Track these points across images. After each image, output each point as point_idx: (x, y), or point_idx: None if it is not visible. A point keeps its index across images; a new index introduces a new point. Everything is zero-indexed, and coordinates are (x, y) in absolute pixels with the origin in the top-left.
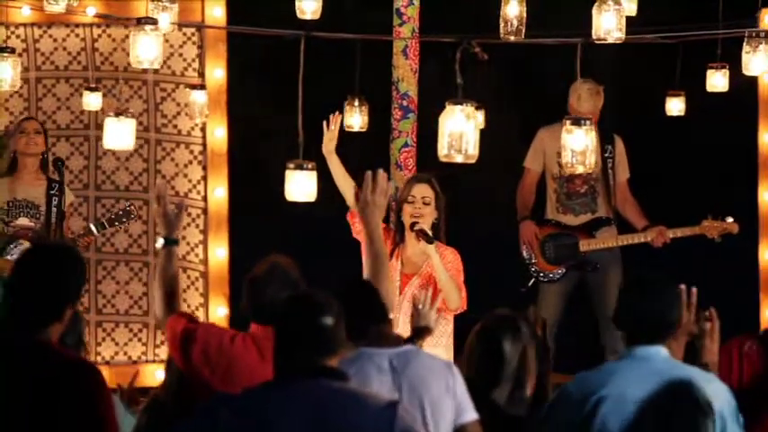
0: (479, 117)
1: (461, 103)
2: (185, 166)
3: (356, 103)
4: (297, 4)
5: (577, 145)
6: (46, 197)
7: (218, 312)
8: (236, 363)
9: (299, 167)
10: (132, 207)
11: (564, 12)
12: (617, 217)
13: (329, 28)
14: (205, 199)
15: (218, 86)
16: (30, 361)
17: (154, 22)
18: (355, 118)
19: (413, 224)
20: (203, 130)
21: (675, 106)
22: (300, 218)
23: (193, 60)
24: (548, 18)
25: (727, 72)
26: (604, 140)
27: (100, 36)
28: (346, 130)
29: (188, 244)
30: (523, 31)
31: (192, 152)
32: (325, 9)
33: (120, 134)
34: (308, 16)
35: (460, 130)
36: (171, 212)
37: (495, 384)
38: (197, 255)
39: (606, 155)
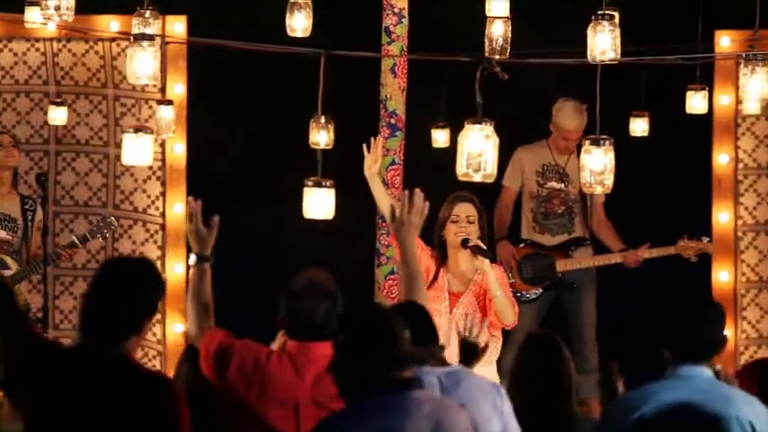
0: (445, 135)
1: (480, 122)
2: (144, 181)
3: (322, 121)
4: (287, 21)
5: (596, 165)
6: (21, 212)
7: (175, 329)
8: (272, 380)
9: (318, 185)
10: (112, 218)
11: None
12: (592, 237)
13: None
14: (163, 215)
15: (179, 102)
16: (108, 374)
17: (151, 38)
18: (321, 135)
19: (464, 241)
20: (162, 145)
21: (639, 126)
22: (257, 231)
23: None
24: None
25: (707, 94)
26: None
27: (60, 51)
28: (312, 147)
29: None
30: (508, 50)
31: (150, 167)
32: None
33: (138, 150)
34: (298, 34)
35: (479, 149)
36: (203, 229)
37: (547, 401)
38: None
39: None
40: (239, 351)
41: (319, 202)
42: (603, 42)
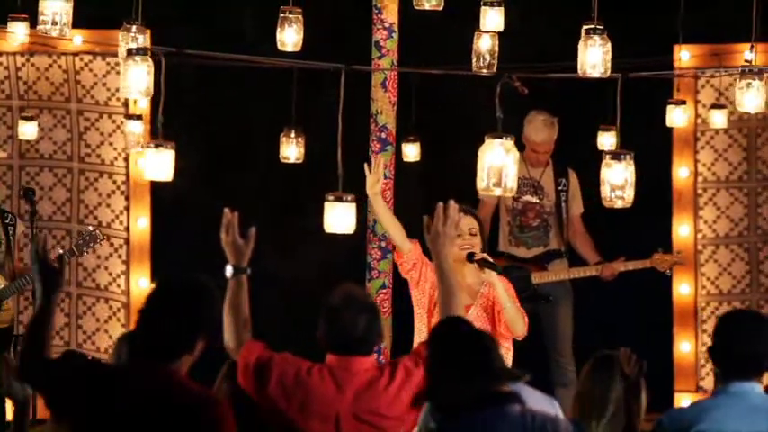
0: (416, 150)
1: (501, 137)
2: (108, 196)
3: (292, 135)
4: (278, 36)
5: (617, 179)
6: (2, 227)
7: None
8: (312, 394)
9: (339, 200)
10: (98, 231)
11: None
12: (569, 250)
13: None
14: (128, 229)
15: (144, 116)
16: (159, 391)
17: (145, 52)
18: (291, 149)
19: (470, 255)
20: (126, 160)
21: (607, 141)
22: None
23: (117, 90)
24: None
25: (687, 109)
26: (558, 174)
27: (23, 65)
28: (282, 161)
29: (110, 274)
30: (495, 65)
31: (114, 182)
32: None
33: (160, 165)
34: (289, 48)
35: (500, 163)
36: (239, 241)
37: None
38: (119, 285)
39: (560, 188)
40: (279, 364)
41: (340, 217)
42: (594, 57)
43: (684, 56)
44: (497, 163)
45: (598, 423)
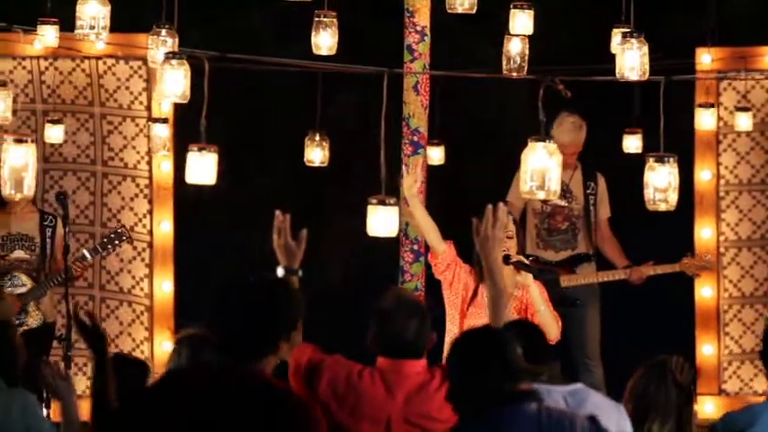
0: (440, 153)
1: (544, 140)
2: (131, 199)
3: (317, 138)
4: (312, 39)
5: (660, 182)
6: (40, 229)
7: (164, 347)
8: (363, 397)
9: (382, 203)
10: (124, 229)
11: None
12: (596, 253)
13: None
14: (151, 233)
15: (163, 119)
16: (246, 392)
17: (181, 56)
18: (316, 152)
19: (506, 257)
20: (149, 163)
21: (633, 143)
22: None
23: (140, 93)
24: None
25: (716, 112)
26: (587, 177)
27: (47, 69)
28: (307, 164)
29: (133, 278)
30: (526, 67)
31: (138, 185)
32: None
33: (202, 168)
34: (323, 52)
35: (543, 166)
36: (291, 243)
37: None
38: (142, 288)
39: (588, 191)
40: (330, 367)
41: (383, 221)
42: (631, 60)
43: (706, 59)
44: (540, 166)
45: (662, 426)
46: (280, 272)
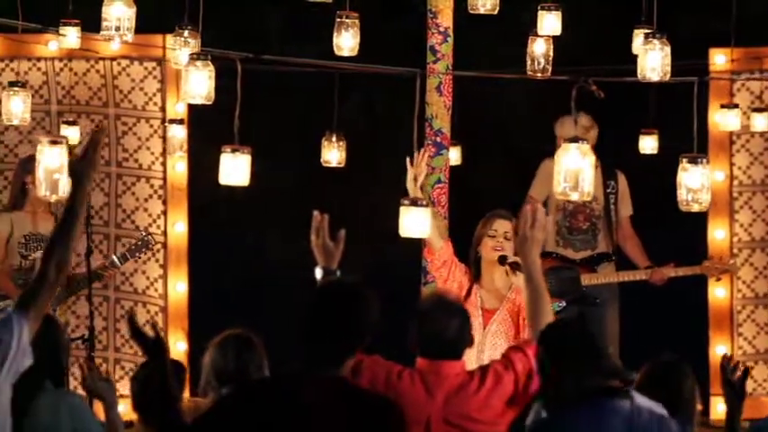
0: (457, 153)
1: (577, 141)
2: (146, 200)
3: (333, 138)
4: (334, 40)
5: (693, 183)
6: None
7: (178, 347)
8: (403, 398)
9: (414, 204)
10: (150, 236)
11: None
12: (617, 253)
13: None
14: (165, 233)
15: (179, 120)
16: (336, 397)
17: (206, 57)
18: (333, 153)
19: (502, 258)
20: (164, 164)
21: (648, 144)
22: (259, 250)
23: (154, 94)
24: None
25: (739, 112)
26: (607, 176)
27: (62, 70)
28: (324, 165)
29: (148, 278)
30: (550, 69)
31: (152, 186)
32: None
33: (235, 170)
34: (345, 53)
35: (576, 167)
36: (330, 243)
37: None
38: (156, 289)
39: (609, 191)
40: (370, 367)
41: (415, 222)
42: (654, 60)
43: (720, 59)
44: (573, 167)
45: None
46: (318, 272)
